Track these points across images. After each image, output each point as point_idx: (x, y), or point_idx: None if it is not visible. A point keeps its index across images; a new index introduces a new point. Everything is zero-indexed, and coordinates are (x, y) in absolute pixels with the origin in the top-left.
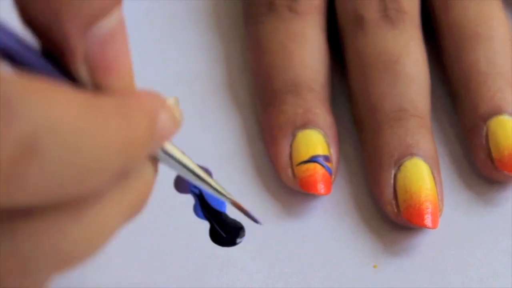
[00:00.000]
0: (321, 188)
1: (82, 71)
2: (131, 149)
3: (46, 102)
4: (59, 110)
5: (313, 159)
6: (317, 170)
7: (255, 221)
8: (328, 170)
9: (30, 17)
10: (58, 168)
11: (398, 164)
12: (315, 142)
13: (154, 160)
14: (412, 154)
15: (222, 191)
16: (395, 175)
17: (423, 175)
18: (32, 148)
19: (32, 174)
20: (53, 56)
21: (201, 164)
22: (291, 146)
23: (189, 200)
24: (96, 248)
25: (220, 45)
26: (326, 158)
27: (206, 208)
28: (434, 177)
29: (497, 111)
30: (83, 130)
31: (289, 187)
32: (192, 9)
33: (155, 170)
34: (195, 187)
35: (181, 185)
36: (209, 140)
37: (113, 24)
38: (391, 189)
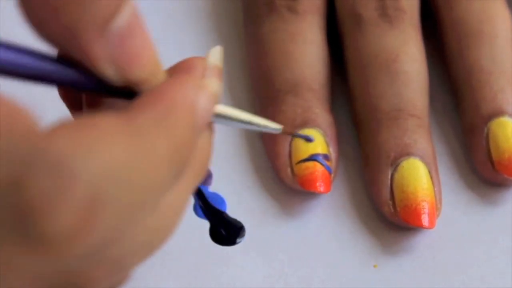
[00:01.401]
0: (320, 186)
1: (110, 71)
2: (180, 150)
3: (95, 151)
4: (109, 155)
5: (312, 158)
6: (317, 168)
7: (309, 139)
8: (328, 168)
9: (47, 35)
10: (125, 206)
11: (395, 164)
12: (315, 140)
13: (208, 125)
14: (409, 154)
15: (273, 126)
16: (392, 175)
17: (420, 175)
18: (98, 202)
19: (104, 223)
20: (75, 63)
21: None
22: (290, 145)
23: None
24: (175, 227)
25: (220, 45)
26: (326, 157)
27: (206, 207)
28: (431, 177)
29: (499, 113)
30: (135, 163)
31: (288, 186)
32: (192, 9)
33: (211, 133)
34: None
35: None
36: None
37: (127, 17)
38: (388, 189)
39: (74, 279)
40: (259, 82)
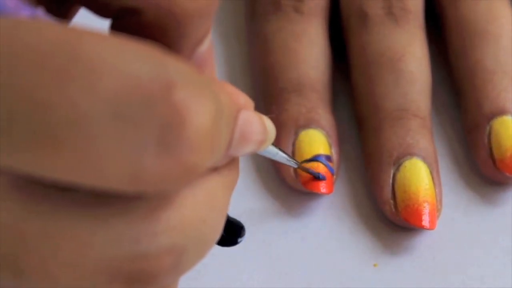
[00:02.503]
0: (323, 187)
1: None
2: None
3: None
4: (181, 211)
5: (316, 158)
6: (320, 169)
7: (320, 178)
8: (331, 169)
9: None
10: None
11: (398, 164)
12: (318, 141)
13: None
14: (411, 154)
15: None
16: (394, 175)
17: (422, 175)
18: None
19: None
20: None
21: None
22: (293, 145)
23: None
24: (222, 227)
25: (220, 45)
26: (328, 158)
27: None
28: (433, 178)
29: (501, 111)
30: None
31: (290, 186)
32: None
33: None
34: None
35: None
36: None
37: (206, 48)
38: (390, 189)
39: (146, 264)
40: (263, 80)
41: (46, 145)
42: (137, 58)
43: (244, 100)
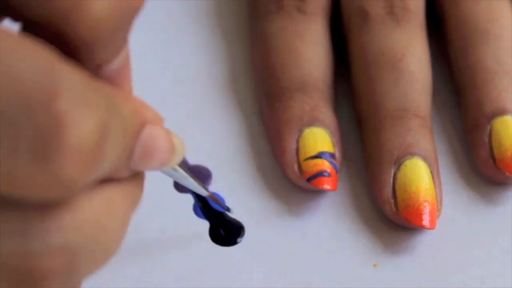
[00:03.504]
0: (328, 183)
1: None
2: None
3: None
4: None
5: (320, 155)
6: (325, 165)
7: (227, 209)
8: (335, 166)
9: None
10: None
11: (398, 163)
12: (322, 139)
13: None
14: (412, 154)
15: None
16: (394, 174)
17: (422, 175)
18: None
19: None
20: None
21: (201, 164)
22: (297, 142)
23: (189, 199)
24: (122, 238)
25: (221, 44)
26: (332, 156)
27: (206, 207)
28: (433, 178)
29: (502, 111)
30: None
31: (293, 183)
32: (193, 8)
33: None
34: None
35: (180, 184)
36: (210, 139)
37: (121, 61)
38: (390, 188)
39: (35, 263)
40: (266, 79)
41: None
42: (27, 58)
43: (152, 115)
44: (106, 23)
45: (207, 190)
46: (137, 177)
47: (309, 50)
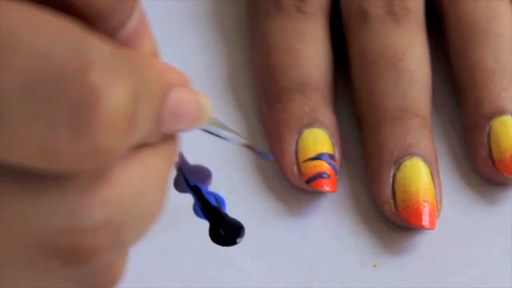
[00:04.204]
0: (327, 184)
1: None
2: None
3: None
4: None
5: (319, 157)
6: (324, 167)
7: (266, 157)
8: (334, 168)
9: None
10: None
11: (398, 163)
12: (322, 140)
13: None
14: (412, 154)
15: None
16: (394, 174)
17: (422, 175)
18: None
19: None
20: None
21: (201, 164)
22: (296, 143)
23: (188, 199)
24: (163, 200)
25: (221, 44)
26: (332, 157)
27: (206, 207)
28: (433, 178)
29: (501, 111)
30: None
31: (293, 184)
32: (192, 8)
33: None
34: (195, 185)
35: (180, 184)
36: (210, 139)
37: (134, 24)
38: (390, 188)
39: (81, 240)
40: (265, 79)
41: None
42: (55, 33)
43: (178, 77)
44: None
45: (243, 138)
46: (169, 138)
47: (309, 50)
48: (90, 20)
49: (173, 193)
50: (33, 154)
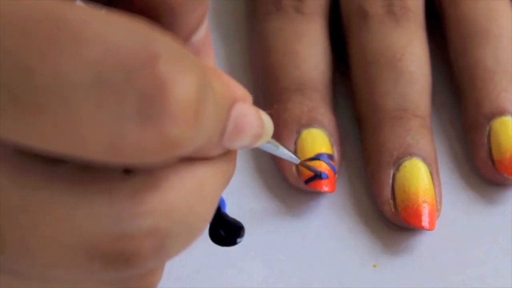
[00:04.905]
0: (326, 185)
1: None
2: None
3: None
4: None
5: (318, 157)
6: (323, 167)
7: (322, 177)
8: (333, 168)
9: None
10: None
11: (397, 164)
12: (320, 140)
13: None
14: (411, 154)
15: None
16: (393, 175)
17: (421, 175)
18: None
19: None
20: None
21: None
22: (295, 143)
23: None
24: (210, 217)
25: (220, 44)
26: (331, 157)
27: None
28: (432, 178)
29: (501, 111)
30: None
31: (292, 184)
32: None
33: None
34: None
35: None
36: None
37: (202, 34)
38: (389, 189)
39: (129, 245)
40: (264, 80)
41: (27, 111)
42: (123, 28)
43: (242, 92)
44: None
45: (298, 157)
46: (228, 154)
47: (308, 51)
48: (163, 20)
49: None
50: (100, 145)
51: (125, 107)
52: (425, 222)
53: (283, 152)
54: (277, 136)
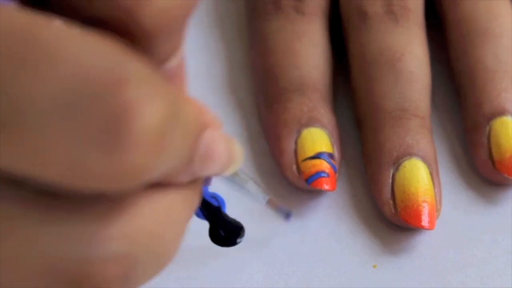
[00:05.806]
0: (327, 183)
1: None
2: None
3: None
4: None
5: (319, 155)
6: (323, 166)
7: (287, 216)
8: (333, 167)
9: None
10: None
11: (397, 164)
12: (321, 140)
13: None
14: (411, 154)
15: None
16: (393, 175)
17: (421, 176)
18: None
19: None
20: None
21: None
22: (295, 143)
23: None
24: (179, 246)
25: (220, 45)
26: (331, 156)
27: (206, 207)
28: (432, 178)
29: (501, 111)
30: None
31: (292, 184)
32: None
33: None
34: None
35: None
36: None
37: (178, 60)
38: (389, 189)
39: (91, 269)
40: (264, 80)
41: None
42: (95, 49)
43: (212, 119)
44: (169, 14)
45: (267, 194)
46: (195, 183)
47: (307, 51)
48: (138, 43)
49: None
50: (61, 169)
51: (88, 131)
52: (425, 222)
53: (252, 188)
54: (277, 135)
